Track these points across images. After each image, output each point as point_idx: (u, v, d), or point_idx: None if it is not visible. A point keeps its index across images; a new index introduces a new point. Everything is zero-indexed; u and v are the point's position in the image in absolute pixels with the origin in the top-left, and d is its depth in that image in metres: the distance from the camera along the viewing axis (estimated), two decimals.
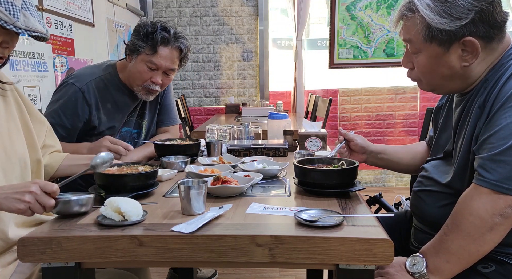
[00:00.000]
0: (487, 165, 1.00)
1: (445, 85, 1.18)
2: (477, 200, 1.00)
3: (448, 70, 1.12)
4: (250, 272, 2.56)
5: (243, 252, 0.93)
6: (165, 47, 1.76)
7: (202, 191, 1.07)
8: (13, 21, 1.03)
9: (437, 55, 1.11)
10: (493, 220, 0.99)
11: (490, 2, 1.05)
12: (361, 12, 4.12)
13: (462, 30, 1.06)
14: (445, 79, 1.15)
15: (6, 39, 1.08)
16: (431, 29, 1.08)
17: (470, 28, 1.05)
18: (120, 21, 3.57)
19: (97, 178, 1.22)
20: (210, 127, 2.03)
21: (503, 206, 0.98)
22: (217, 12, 4.25)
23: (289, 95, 4.41)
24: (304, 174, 1.25)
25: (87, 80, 1.78)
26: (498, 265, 1.09)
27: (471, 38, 1.06)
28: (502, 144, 0.99)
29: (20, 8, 1.05)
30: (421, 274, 1.05)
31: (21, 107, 1.31)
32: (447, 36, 1.07)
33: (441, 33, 1.07)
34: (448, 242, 1.04)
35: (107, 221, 1.00)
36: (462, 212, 1.03)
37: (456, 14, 1.05)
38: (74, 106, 1.74)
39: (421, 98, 4.28)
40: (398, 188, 4.37)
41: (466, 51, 1.09)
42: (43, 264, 0.96)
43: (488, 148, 1.02)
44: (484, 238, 1.00)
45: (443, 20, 1.06)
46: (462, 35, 1.06)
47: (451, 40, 1.08)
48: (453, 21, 1.05)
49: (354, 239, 0.91)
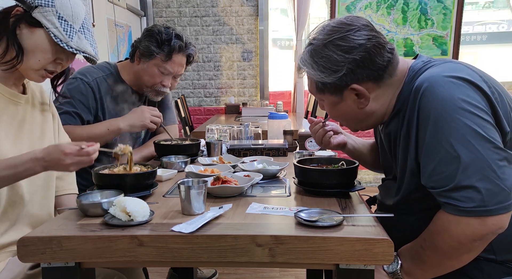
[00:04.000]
0: (454, 197, 0.95)
1: (360, 125, 1.23)
2: (456, 227, 0.97)
3: (350, 113, 1.18)
4: (250, 272, 2.56)
5: (243, 252, 0.93)
6: (178, 54, 1.85)
7: (202, 191, 1.07)
8: (67, 40, 1.19)
9: (335, 102, 1.17)
10: (472, 244, 0.96)
11: (364, 50, 1.07)
12: (361, 12, 4.12)
13: (343, 80, 1.10)
14: (355, 121, 1.21)
15: (61, 56, 1.23)
16: (317, 83, 1.15)
17: (350, 76, 1.10)
18: (120, 21, 3.57)
19: (95, 178, 1.22)
20: (210, 127, 2.03)
21: (485, 232, 0.94)
22: (217, 12, 4.25)
23: (289, 95, 4.41)
24: (304, 174, 1.25)
25: (94, 77, 1.81)
26: (473, 261, 1.05)
27: (356, 85, 1.11)
28: (454, 169, 0.95)
29: (77, 31, 1.21)
30: (395, 274, 1.06)
31: (55, 119, 1.44)
32: (333, 87, 1.13)
33: (325, 85, 1.13)
34: (425, 256, 1.04)
35: (114, 220, 1.00)
36: (442, 234, 0.99)
37: (332, 67, 1.10)
38: (86, 100, 1.77)
39: None
40: None
41: (358, 96, 1.13)
42: (43, 264, 0.96)
43: (444, 178, 0.97)
44: (461, 258, 1.00)
45: (322, 75, 1.11)
46: (346, 84, 1.11)
47: (339, 89, 1.13)
48: (331, 74, 1.10)
49: (354, 239, 0.91)
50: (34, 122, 1.32)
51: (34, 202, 1.29)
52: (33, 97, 1.35)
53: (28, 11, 1.17)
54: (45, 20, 1.17)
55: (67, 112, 1.69)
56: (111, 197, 1.09)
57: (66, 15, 1.19)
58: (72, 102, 1.74)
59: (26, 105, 1.30)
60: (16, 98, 1.26)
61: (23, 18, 1.17)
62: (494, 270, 1.09)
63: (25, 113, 1.29)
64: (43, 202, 1.33)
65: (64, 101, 1.74)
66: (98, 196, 1.13)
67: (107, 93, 1.83)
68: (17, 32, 1.17)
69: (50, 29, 1.17)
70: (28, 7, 1.17)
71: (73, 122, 1.71)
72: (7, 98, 1.23)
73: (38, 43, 1.18)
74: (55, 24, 1.17)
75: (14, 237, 1.19)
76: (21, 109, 1.28)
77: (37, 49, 1.18)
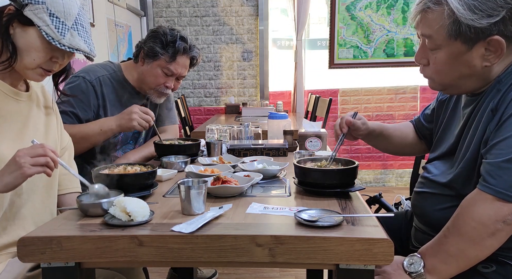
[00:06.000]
0: (493, 171, 0.99)
1: (459, 86, 1.14)
2: (480, 206, 0.99)
3: (467, 69, 1.08)
4: (250, 272, 2.56)
5: (243, 252, 0.93)
6: (182, 56, 1.86)
7: (202, 191, 1.07)
8: (59, 38, 1.16)
9: (459, 53, 1.06)
10: (495, 226, 0.97)
11: None
12: (361, 12, 4.12)
13: (491, 28, 1.01)
14: (462, 78, 1.11)
15: (56, 54, 1.21)
16: (460, 25, 1.02)
17: (499, 26, 1.01)
18: (120, 21, 3.57)
19: (95, 178, 1.22)
20: (210, 127, 2.03)
21: (507, 213, 0.97)
22: (217, 12, 4.25)
23: (289, 95, 4.41)
24: (304, 174, 1.25)
25: (96, 76, 1.82)
26: (499, 266, 1.08)
27: (498, 37, 1.01)
28: (511, 151, 0.97)
29: (69, 27, 1.18)
30: (418, 274, 1.05)
31: (58, 121, 1.44)
32: (475, 33, 1.02)
33: (469, 30, 1.02)
34: (448, 244, 1.03)
35: (114, 220, 1.00)
36: (464, 216, 1.01)
37: (488, 11, 0.99)
38: (87, 98, 1.77)
39: (421, 98, 4.28)
40: (398, 188, 4.37)
41: (489, 51, 1.04)
42: (43, 264, 0.96)
43: (496, 154, 1.00)
44: (484, 243, 0.99)
45: (473, 16, 1.00)
46: (490, 33, 1.02)
47: (477, 38, 1.03)
48: (484, 17, 1.00)
49: (354, 239, 0.91)
50: (38, 121, 1.32)
51: (35, 201, 1.28)
52: (36, 95, 1.35)
53: (20, 9, 1.15)
54: (36, 18, 1.14)
55: (64, 112, 1.69)
56: (111, 197, 1.09)
57: (58, 12, 1.16)
58: (71, 102, 1.73)
59: (29, 103, 1.30)
60: (17, 96, 1.25)
61: (15, 17, 1.15)
62: None
63: (29, 111, 1.29)
64: (45, 201, 1.32)
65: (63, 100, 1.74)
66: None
67: (110, 92, 1.84)
68: (11, 32, 1.16)
69: (42, 27, 1.15)
70: (19, 5, 1.15)
71: (69, 122, 1.71)
72: (8, 96, 1.22)
73: (31, 42, 1.16)
74: (46, 21, 1.14)
75: (14, 237, 1.19)
76: (24, 107, 1.27)
77: (30, 49, 1.17)
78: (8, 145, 1.18)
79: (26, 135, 1.26)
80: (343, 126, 1.41)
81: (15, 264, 1.15)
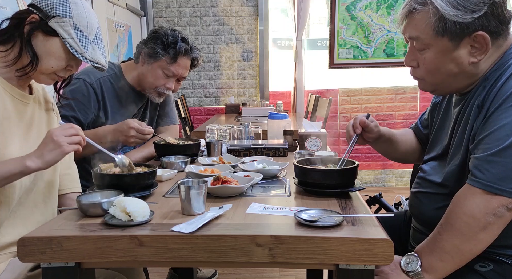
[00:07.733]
0: (481, 165, 1.01)
1: (448, 84, 1.16)
2: (470, 200, 1.01)
3: (456, 67, 1.10)
4: (250, 272, 2.56)
5: (243, 252, 0.93)
6: (183, 57, 1.86)
7: (202, 191, 1.07)
8: (82, 51, 1.22)
9: (447, 50, 1.09)
10: (486, 219, 0.99)
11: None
12: (361, 12, 4.12)
13: (475, 23, 1.04)
14: (451, 77, 1.13)
15: (71, 63, 1.26)
16: (445, 22, 1.05)
17: (483, 21, 1.04)
18: (120, 21, 3.57)
19: (95, 178, 1.22)
20: (210, 127, 2.03)
21: (496, 205, 0.98)
22: (217, 12, 4.25)
23: (289, 95, 4.40)
24: (304, 174, 1.25)
25: (97, 77, 1.82)
26: (496, 265, 1.09)
27: (482, 32, 1.05)
28: (497, 144, 0.99)
29: (91, 41, 1.24)
30: (416, 273, 1.06)
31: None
32: (460, 29, 1.05)
33: (454, 26, 1.05)
34: (442, 241, 1.05)
35: (114, 220, 1.00)
36: (456, 211, 1.03)
37: (470, 6, 1.03)
38: (88, 101, 1.77)
39: (421, 99, 4.28)
40: (398, 188, 4.37)
41: (475, 47, 1.07)
42: (43, 264, 0.96)
43: (483, 148, 1.02)
44: (477, 237, 1.01)
45: (457, 12, 1.04)
46: (475, 28, 1.05)
47: (463, 34, 1.06)
48: (467, 13, 1.03)
49: (354, 239, 0.91)
50: (41, 122, 1.34)
51: (37, 201, 1.29)
52: (39, 97, 1.36)
53: (45, 19, 1.18)
54: (62, 30, 1.19)
55: (64, 116, 1.68)
56: (111, 197, 1.09)
57: (82, 26, 1.21)
58: (71, 105, 1.73)
59: (33, 105, 1.31)
60: (24, 99, 1.27)
61: (39, 27, 1.19)
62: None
63: (33, 113, 1.30)
64: (47, 201, 1.33)
65: (64, 104, 1.73)
66: (98, 196, 1.13)
67: (110, 93, 1.84)
68: (32, 39, 1.19)
69: (67, 39, 1.19)
70: (45, 16, 1.18)
71: None
72: (16, 99, 1.24)
73: (53, 51, 1.20)
74: (71, 35, 1.19)
75: (16, 237, 1.19)
76: (29, 110, 1.29)
77: (51, 57, 1.21)
78: (16, 146, 1.20)
79: (31, 136, 1.27)
80: (356, 127, 1.39)
81: (16, 264, 1.15)
